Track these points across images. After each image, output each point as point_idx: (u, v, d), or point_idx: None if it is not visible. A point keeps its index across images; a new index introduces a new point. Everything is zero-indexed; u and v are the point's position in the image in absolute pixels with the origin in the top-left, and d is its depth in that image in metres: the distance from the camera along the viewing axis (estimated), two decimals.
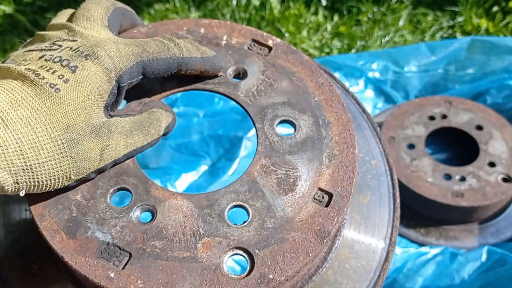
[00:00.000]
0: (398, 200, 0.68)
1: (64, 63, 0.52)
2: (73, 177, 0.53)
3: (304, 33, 2.36)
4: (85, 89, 0.52)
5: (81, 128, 0.51)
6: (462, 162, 1.57)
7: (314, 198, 0.56)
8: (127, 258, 0.51)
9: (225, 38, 0.69)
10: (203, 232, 0.53)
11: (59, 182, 0.52)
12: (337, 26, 2.39)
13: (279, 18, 2.40)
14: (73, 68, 0.52)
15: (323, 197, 0.56)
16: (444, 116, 1.68)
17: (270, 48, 0.68)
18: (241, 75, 0.67)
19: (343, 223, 0.65)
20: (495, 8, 2.37)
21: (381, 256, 0.65)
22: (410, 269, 1.39)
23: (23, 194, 0.51)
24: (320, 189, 0.56)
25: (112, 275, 0.50)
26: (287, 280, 0.51)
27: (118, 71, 0.55)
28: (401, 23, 2.37)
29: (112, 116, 0.57)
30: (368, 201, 0.68)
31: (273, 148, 0.60)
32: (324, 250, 0.61)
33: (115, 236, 0.53)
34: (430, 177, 1.52)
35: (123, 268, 0.50)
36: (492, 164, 1.53)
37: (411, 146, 1.61)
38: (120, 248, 0.52)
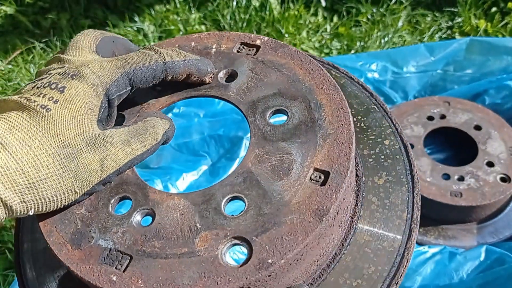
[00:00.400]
0: (416, 176, 0.67)
1: (53, 86, 0.55)
2: (78, 191, 0.55)
3: (304, 34, 2.37)
4: (74, 106, 0.55)
5: (77, 142, 0.54)
6: (461, 162, 1.58)
7: (310, 179, 0.55)
8: (128, 260, 0.53)
9: (214, 46, 0.70)
10: (200, 226, 0.54)
11: (65, 197, 0.54)
12: (337, 27, 2.40)
13: (279, 19, 2.41)
14: (61, 89, 0.55)
15: (319, 177, 0.55)
16: (443, 116, 1.69)
17: (258, 47, 0.69)
18: (231, 77, 0.68)
19: (360, 208, 0.63)
20: (493, 9, 2.38)
21: (404, 234, 0.62)
22: (409, 268, 1.39)
23: (32, 214, 0.53)
24: (316, 169, 0.55)
25: (114, 278, 0.51)
26: (290, 264, 0.51)
27: (104, 85, 0.57)
28: (400, 24, 2.38)
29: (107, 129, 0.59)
30: (384, 182, 0.66)
31: (266, 137, 0.60)
32: (340, 236, 0.60)
33: (117, 241, 0.54)
34: (429, 176, 1.53)
35: (124, 271, 0.52)
36: (490, 164, 1.54)
37: (410, 146, 1.62)
38: (121, 252, 0.53)
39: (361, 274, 0.59)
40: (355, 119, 0.72)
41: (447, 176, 1.53)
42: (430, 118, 1.69)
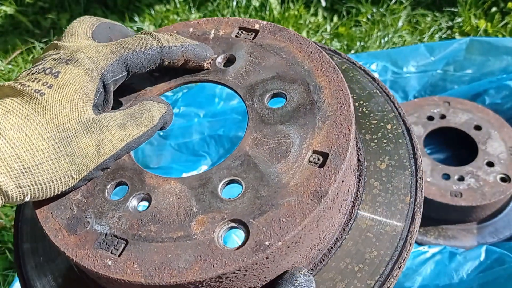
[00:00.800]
0: (419, 160, 0.65)
1: (47, 71, 0.55)
2: (74, 176, 0.54)
3: (304, 33, 2.37)
4: (69, 91, 0.54)
5: (72, 126, 0.53)
6: (461, 162, 1.58)
7: (309, 161, 0.54)
8: (124, 245, 0.52)
9: (213, 32, 0.69)
10: (196, 210, 0.53)
11: (61, 182, 0.54)
12: (337, 27, 2.41)
13: (279, 19, 2.41)
14: (55, 74, 0.55)
15: (318, 159, 0.54)
16: (443, 116, 1.69)
17: (257, 32, 0.68)
18: (229, 61, 0.67)
19: (361, 193, 0.62)
20: (493, 9, 2.38)
21: (407, 218, 0.61)
22: (409, 268, 1.40)
23: (29, 200, 0.53)
24: (314, 151, 0.54)
25: (109, 263, 0.51)
26: (288, 247, 0.50)
27: (99, 69, 0.57)
28: (400, 24, 2.38)
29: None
30: (386, 166, 0.65)
31: (263, 121, 0.59)
32: (341, 220, 0.59)
33: (113, 226, 0.54)
34: (429, 177, 1.53)
35: (119, 255, 0.51)
36: (490, 164, 1.54)
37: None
38: (117, 237, 0.53)
39: (363, 259, 0.58)
40: (357, 104, 0.71)
41: (447, 176, 1.53)
42: (430, 118, 1.69)
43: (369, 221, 0.61)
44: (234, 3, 2.53)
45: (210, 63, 0.66)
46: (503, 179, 1.51)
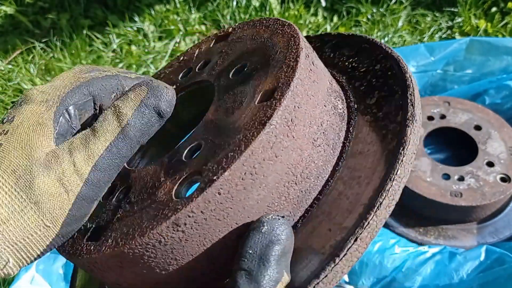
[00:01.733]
0: (409, 80, 0.61)
1: (5, 120, 0.53)
2: (49, 224, 0.48)
3: (304, 33, 2.37)
4: (23, 129, 0.51)
5: (26, 167, 0.48)
6: (461, 162, 1.57)
7: (260, 101, 0.55)
8: (105, 231, 0.55)
9: (196, 51, 0.76)
10: (163, 179, 0.55)
11: (38, 235, 0.48)
12: (337, 27, 2.41)
13: None
14: (11, 119, 0.52)
15: (268, 97, 0.55)
16: (443, 116, 1.69)
17: (230, 33, 0.73)
18: (205, 64, 0.72)
19: (352, 132, 0.61)
20: (493, 9, 2.38)
21: (399, 133, 0.56)
22: (409, 268, 1.40)
23: (13, 265, 0.48)
24: (265, 92, 0.55)
25: (92, 248, 0.54)
26: (243, 179, 0.49)
27: (56, 98, 0.54)
28: (400, 23, 2.38)
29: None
30: (376, 99, 0.63)
31: (226, 90, 0.62)
32: (328, 159, 0.58)
33: (99, 221, 0.57)
34: (429, 177, 1.53)
35: (98, 240, 0.55)
36: (490, 164, 1.54)
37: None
38: (100, 227, 0.56)
39: (356, 179, 0.55)
40: (347, 63, 0.70)
41: (447, 176, 1.53)
42: (430, 118, 1.69)
43: (360, 147, 0.58)
44: (234, 3, 2.53)
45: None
46: (503, 179, 1.51)
